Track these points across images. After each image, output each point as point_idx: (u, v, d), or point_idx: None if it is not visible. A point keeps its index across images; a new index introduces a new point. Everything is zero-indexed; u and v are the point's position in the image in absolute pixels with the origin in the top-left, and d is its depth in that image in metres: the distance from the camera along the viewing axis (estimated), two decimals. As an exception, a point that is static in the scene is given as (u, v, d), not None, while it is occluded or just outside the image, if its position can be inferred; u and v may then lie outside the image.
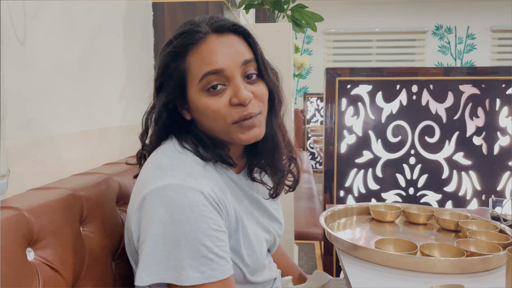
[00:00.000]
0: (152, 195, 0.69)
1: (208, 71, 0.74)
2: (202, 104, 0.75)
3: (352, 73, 1.75)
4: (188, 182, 0.69)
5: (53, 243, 0.75)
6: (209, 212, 0.68)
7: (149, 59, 1.65)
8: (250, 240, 0.79)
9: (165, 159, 0.75)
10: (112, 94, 1.33)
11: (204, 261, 0.66)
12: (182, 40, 0.76)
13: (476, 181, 1.76)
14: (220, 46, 0.75)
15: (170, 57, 0.77)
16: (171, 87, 0.78)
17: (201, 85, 0.75)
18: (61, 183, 0.96)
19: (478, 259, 0.80)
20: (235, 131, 0.76)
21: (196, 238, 0.66)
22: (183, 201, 0.67)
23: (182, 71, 0.76)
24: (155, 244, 0.67)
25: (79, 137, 1.13)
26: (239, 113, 0.75)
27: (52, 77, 1.00)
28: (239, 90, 0.74)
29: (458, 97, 1.73)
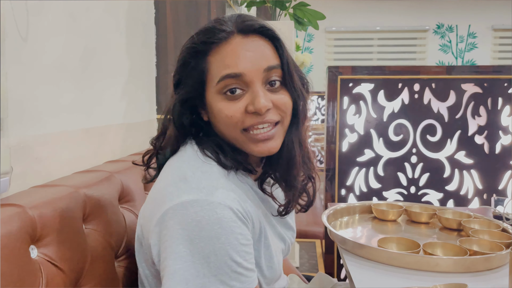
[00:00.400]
0: (176, 210, 0.65)
1: (226, 74, 0.70)
2: (217, 107, 0.72)
3: (354, 71, 1.75)
4: (216, 197, 0.65)
5: (56, 240, 0.75)
6: (238, 228, 0.65)
7: (151, 56, 1.65)
8: (270, 251, 0.77)
9: (188, 170, 0.71)
10: (114, 91, 1.33)
11: (234, 275, 0.64)
12: (204, 38, 0.72)
13: (477, 180, 1.76)
14: (243, 48, 0.70)
15: (190, 54, 0.73)
16: (189, 85, 0.74)
17: (219, 87, 0.71)
18: (63, 181, 0.96)
19: (481, 258, 0.80)
20: (247, 141, 0.73)
21: (226, 255, 0.63)
22: (212, 217, 0.63)
23: (201, 70, 0.73)
24: (182, 262, 0.63)
25: (81, 135, 1.13)
26: (253, 121, 0.71)
27: (54, 74, 1.00)
28: (257, 97, 0.69)
29: (460, 95, 1.73)
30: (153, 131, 1.68)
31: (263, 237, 0.76)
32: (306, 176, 0.81)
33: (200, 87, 0.74)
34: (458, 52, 6.16)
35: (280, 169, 0.77)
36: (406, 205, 1.15)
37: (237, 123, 0.71)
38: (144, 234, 0.75)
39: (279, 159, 0.77)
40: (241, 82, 0.70)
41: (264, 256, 0.76)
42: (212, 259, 0.63)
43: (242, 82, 0.70)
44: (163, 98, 1.68)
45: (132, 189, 1.10)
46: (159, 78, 1.68)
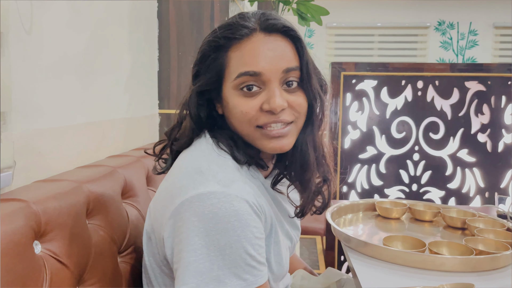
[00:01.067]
0: (192, 202, 0.65)
1: (245, 71, 0.70)
2: (233, 102, 0.72)
3: (357, 67, 1.74)
4: (233, 190, 0.65)
5: (60, 236, 0.75)
6: (253, 221, 0.66)
7: (153, 51, 1.63)
8: (279, 247, 0.77)
9: (204, 162, 0.71)
10: (117, 86, 1.31)
11: (248, 269, 0.64)
12: (226, 33, 0.72)
13: (479, 178, 1.75)
14: (264, 47, 0.71)
15: (211, 47, 0.74)
16: (207, 77, 0.74)
17: (236, 83, 0.71)
18: (66, 176, 0.95)
19: (487, 257, 0.79)
20: (260, 138, 0.73)
21: (241, 248, 0.63)
22: (229, 210, 0.63)
23: (220, 64, 0.73)
24: (197, 254, 0.63)
25: (83, 129, 1.12)
26: (267, 119, 0.71)
27: (57, 68, 0.99)
28: (273, 97, 0.70)
29: (464, 93, 1.72)
30: (155, 125, 1.67)
31: (274, 233, 0.76)
32: (322, 178, 0.80)
33: (217, 81, 0.74)
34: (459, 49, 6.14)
35: (294, 171, 0.77)
36: (410, 203, 1.14)
37: (251, 119, 0.72)
38: (155, 228, 0.75)
39: (293, 161, 0.76)
40: (259, 80, 0.71)
41: (273, 252, 0.76)
42: (228, 251, 0.63)
43: (260, 80, 0.71)
44: (165, 93, 1.67)
45: (135, 184, 1.09)
46: (161, 72, 1.66)
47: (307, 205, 0.79)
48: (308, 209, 0.80)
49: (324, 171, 0.80)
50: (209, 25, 1.64)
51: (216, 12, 1.62)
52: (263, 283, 0.67)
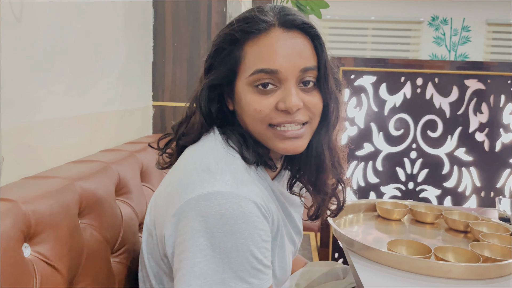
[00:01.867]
0: (198, 201, 0.62)
1: (261, 69, 0.67)
2: (246, 99, 0.69)
3: (356, 63, 1.71)
4: (241, 191, 0.63)
5: (50, 237, 0.71)
6: (261, 223, 0.63)
7: (148, 40, 1.58)
8: (284, 252, 0.75)
9: (212, 160, 0.68)
10: (110, 76, 1.26)
11: (254, 272, 0.62)
12: (244, 26, 0.68)
13: (476, 177, 1.74)
14: (282, 43, 0.67)
15: (227, 40, 0.70)
16: (221, 71, 0.71)
17: (251, 79, 0.68)
18: (57, 172, 0.91)
19: (494, 265, 0.77)
20: (272, 137, 0.70)
21: (248, 251, 0.61)
22: (237, 211, 0.61)
23: (235, 58, 0.69)
24: (203, 256, 0.61)
25: (75, 122, 1.07)
26: (281, 119, 0.68)
27: (48, 57, 0.94)
28: (289, 95, 0.67)
29: (463, 91, 1.70)
30: (149, 118, 1.62)
31: (279, 236, 0.74)
32: (336, 180, 0.78)
33: (231, 75, 0.71)
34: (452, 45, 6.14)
35: (309, 173, 0.75)
36: (411, 205, 1.12)
37: (264, 118, 0.69)
38: (157, 225, 0.72)
39: (308, 163, 0.74)
40: (275, 78, 0.68)
41: (277, 256, 0.74)
42: (234, 254, 0.60)
43: (276, 78, 0.68)
44: (160, 85, 1.62)
45: (129, 180, 1.05)
46: (156, 63, 1.61)
47: (322, 207, 0.77)
48: (322, 212, 0.78)
49: (339, 173, 0.77)
50: (206, 14, 1.58)
51: (214, 2, 1.57)
52: (269, 285, 0.65)
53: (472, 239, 0.99)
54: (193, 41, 1.59)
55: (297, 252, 0.90)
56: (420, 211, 1.09)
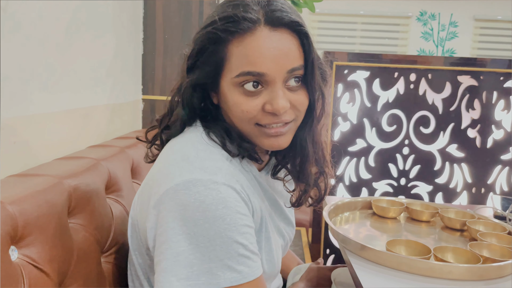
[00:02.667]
0: (177, 190, 0.61)
1: (248, 71, 0.65)
2: (233, 99, 0.67)
3: (350, 57, 1.69)
4: (220, 177, 0.62)
5: (38, 239, 0.67)
6: (242, 208, 0.63)
7: (138, 32, 1.53)
8: (270, 244, 0.74)
9: (192, 150, 0.67)
10: (98, 69, 1.22)
11: (242, 259, 0.60)
12: (227, 25, 0.65)
13: (467, 173, 1.75)
14: (268, 45, 0.64)
15: (210, 39, 0.67)
16: (205, 70, 0.69)
17: (237, 80, 0.66)
18: (45, 169, 0.87)
19: (494, 266, 0.76)
20: (259, 135, 0.70)
21: (232, 237, 0.60)
22: (216, 197, 0.60)
23: (220, 58, 0.67)
24: (187, 244, 0.59)
25: (62, 117, 1.03)
26: (269, 120, 0.68)
27: (34, 50, 0.89)
28: (276, 98, 0.66)
29: (456, 88, 1.70)
30: (139, 112, 1.58)
31: (264, 228, 0.73)
32: (319, 171, 0.79)
33: (216, 74, 0.69)
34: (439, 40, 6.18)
35: (292, 164, 0.76)
36: (407, 203, 1.11)
37: (252, 119, 0.68)
38: (139, 219, 0.70)
39: (292, 155, 0.75)
40: (262, 80, 0.66)
41: (264, 249, 0.73)
42: (218, 241, 0.59)
43: (263, 80, 0.66)
44: (150, 78, 1.58)
45: (120, 177, 1.02)
46: (145, 56, 1.57)
47: (304, 195, 0.78)
48: (304, 200, 0.79)
49: (322, 165, 0.79)
50: (198, 6, 1.54)
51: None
52: (259, 275, 0.63)
53: (469, 238, 0.98)
54: (184, 34, 1.56)
55: (288, 246, 0.89)
56: (416, 209, 1.08)
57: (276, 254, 0.76)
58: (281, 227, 0.83)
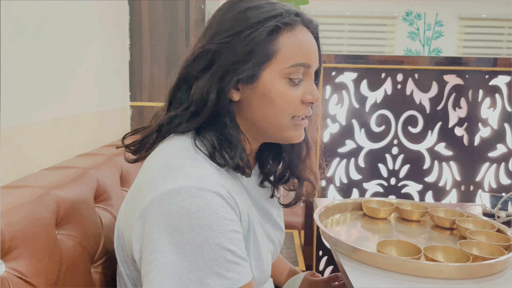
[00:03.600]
0: (162, 199, 0.60)
1: (302, 63, 0.70)
2: (279, 90, 0.69)
3: (337, 59, 1.70)
4: (205, 184, 0.61)
5: (26, 252, 0.66)
6: (229, 214, 0.62)
7: (125, 39, 1.52)
8: (259, 250, 0.73)
9: (174, 157, 0.66)
10: (85, 77, 1.21)
11: (230, 266, 0.60)
12: (283, 18, 0.68)
13: (456, 172, 1.76)
14: (311, 40, 0.72)
15: (267, 31, 0.67)
16: (253, 60, 0.67)
17: (288, 71, 0.69)
18: (32, 180, 0.86)
19: (484, 264, 0.77)
20: (291, 127, 0.73)
21: (219, 244, 0.59)
22: (202, 204, 0.59)
23: (271, 48, 0.68)
24: (174, 254, 0.58)
25: (49, 126, 1.02)
26: (305, 111, 0.72)
27: (18, 58, 0.88)
28: (315, 89, 0.72)
29: (442, 87, 1.71)
30: (127, 119, 1.57)
31: (252, 233, 0.72)
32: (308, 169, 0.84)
33: (262, 65, 0.68)
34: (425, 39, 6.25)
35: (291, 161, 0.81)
36: (397, 203, 1.12)
37: (294, 109, 0.71)
38: (125, 230, 0.69)
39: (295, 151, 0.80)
40: (306, 72, 0.72)
41: (253, 255, 0.72)
42: (206, 249, 0.58)
43: (306, 72, 0.72)
44: (137, 84, 1.57)
45: (109, 186, 1.01)
46: (132, 62, 1.56)
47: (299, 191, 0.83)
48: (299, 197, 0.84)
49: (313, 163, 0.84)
50: (184, 12, 1.54)
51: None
52: (249, 281, 0.62)
53: (458, 236, 0.99)
54: (171, 39, 1.55)
55: (278, 251, 0.89)
56: (406, 209, 1.09)
57: (265, 259, 0.76)
58: (270, 232, 0.83)
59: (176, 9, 1.54)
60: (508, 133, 1.74)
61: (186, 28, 1.55)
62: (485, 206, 1.14)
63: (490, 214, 1.12)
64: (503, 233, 0.93)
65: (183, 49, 1.55)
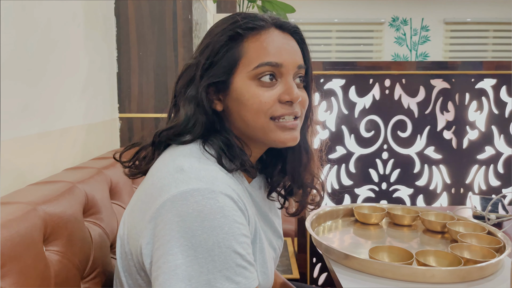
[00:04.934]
0: (175, 201, 0.60)
1: (267, 62, 0.70)
2: (250, 92, 0.70)
3: (325, 66, 1.71)
4: (217, 186, 0.62)
5: (14, 270, 0.65)
6: (239, 217, 0.62)
7: (112, 50, 1.52)
8: (264, 256, 0.73)
9: (185, 161, 0.67)
10: (72, 90, 1.20)
11: (239, 270, 0.60)
12: (245, 22, 0.71)
13: (446, 175, 1.77)
14: (283, 40, 0.72)
15: (227, 37, 0.71)
16: (221, 67, 0.71)
17: (254, 73, 0.70)
18: (18, 196, 0.84)
19: (476, 267, 0.77)
20: (274, 129, 0.72)
21: (230, 247, 0.59)
22: (215, 206, 0.60)
23: (236, 54, 0.71)
24: (184, 257, 0.58)
25: (35, 140, 1.01)
26: (284, 110, 0.71)
27: (4, 72, 0.87)
28: (292, 88, 0.71)
29: (429, 91, 1.73)
30: (116, 131, 1.56)
31: (258, 239, 0.72)
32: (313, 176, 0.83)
33: (229, 71, 0.71)
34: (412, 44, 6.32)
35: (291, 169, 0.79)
36: (388, 208, 1.12)
37: (268, 110, 0.70)
38: (131, 237, 0.68)
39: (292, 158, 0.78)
40: (277, 71, 0.71)
41: (258, 261, 0.72)
42: (217, 251, 0.59)
43: (278, 72, 0.71)
44: (126, 96, 1.56)
45: (98, 199, 0.99)
46: (120, 74, 1.55)
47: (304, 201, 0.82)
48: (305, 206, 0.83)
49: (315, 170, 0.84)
50: (172, 22, 1.54)
51: (179, 9, 1.53)
52: (255, 287, 0.62)
53: (450, 239, 1.00)
54: (159, 50, 1.55)
55: (278, 258, 0.88)
56: (397, 214, 1.09)
57: (270, 266, 0.76)
58: (272, 239, 0.83)
59: (163, 20, 1.54)
60: (496, 135, 1.76)
61: (174, 39, 1.55)
62: (475, 209, 1.14)
63: (481, 217, 1.12)
64: (494, 236, 0.94)
65: (172, 60, 1.55)
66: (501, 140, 1.77)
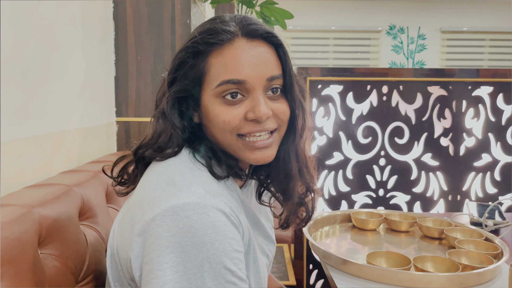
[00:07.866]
0: (165, 216, 0.59)
1: (228, 80, 0.66)
2: (215, 110, 0.68)
3: (323, 72, 1.71)
4: (208, 200, 0.61)
5: (7, 274, 0.64)
6: (231, 233, 0.61)
7: (110, 54, 1.52)
8: (257, 266, 0.72)
9: (177, 174, 0.65)
10: (69, 93, 1.20)
11: (229, 286, 0.59)
12: (207, 38, 0.67)
13: (443, 181, 1.77)
14: (247, 53, 0.67)
15: (190, 53, 0.69)
16: (184, 84, 0.69)
17: (218, 90, 0.67)
18: (13, 199, 0.84)
19: (473, 273, 0.77)
20: (242, 148, 0.69)
21: (220, 263, 0.58)
22: (206, 221, 0.58)
23: (200, 70, 0.68)
24: (173, 273, 0.57)
25: (31, 143, 1.00)
26: (251, 128, 0.68)
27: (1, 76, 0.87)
28: (258, 105, 0.66)
29: (427, 98, 1.73)
30: (113, 135, 1.55)
31: (252, 250, 0.71)
32: (306, 189, 0.77)
33: (196, 88, 0.69)
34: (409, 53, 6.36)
35: (277, 182, 0.75)
36: (385, 214, 1.12)
37: (233, 128, 0.68)
38: (120, 249, 0.67)
39: (276, 171, 0.74)
40: (242, 88, 0.67)
41: (252, 271, 0.71)
42: (206, 267, 0.57)
43: (244, 88, 0.67)
44: (123, 100, 1.56)
45: (94, 203, 0.99)
46: (118, 78, 1.55)
47: (291, 216, 0.77)
48: (292, 220, 0.78)
49: (308, 181, 0.77)
50: (170, 27, 1.54)
51: (178, 13, 1.53)
52: None
53: (447, 246, 0.99)
54: (157, 54, 1.55)
55: (271, 264, 0.87)
56: (395, 220, 1.08)
57: (263, 274, 0.75)
58: (263, 245, 0.82)
59: (161, 25, 1.54)
60: (492, 143, 1.77)
61: (172, 43, 1.55)
62: (472, 215, 1.14)
63: (478, 223, 1.12)
64: (491, 242, 0.94)
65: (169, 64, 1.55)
66: (498, 147, 1.77)
